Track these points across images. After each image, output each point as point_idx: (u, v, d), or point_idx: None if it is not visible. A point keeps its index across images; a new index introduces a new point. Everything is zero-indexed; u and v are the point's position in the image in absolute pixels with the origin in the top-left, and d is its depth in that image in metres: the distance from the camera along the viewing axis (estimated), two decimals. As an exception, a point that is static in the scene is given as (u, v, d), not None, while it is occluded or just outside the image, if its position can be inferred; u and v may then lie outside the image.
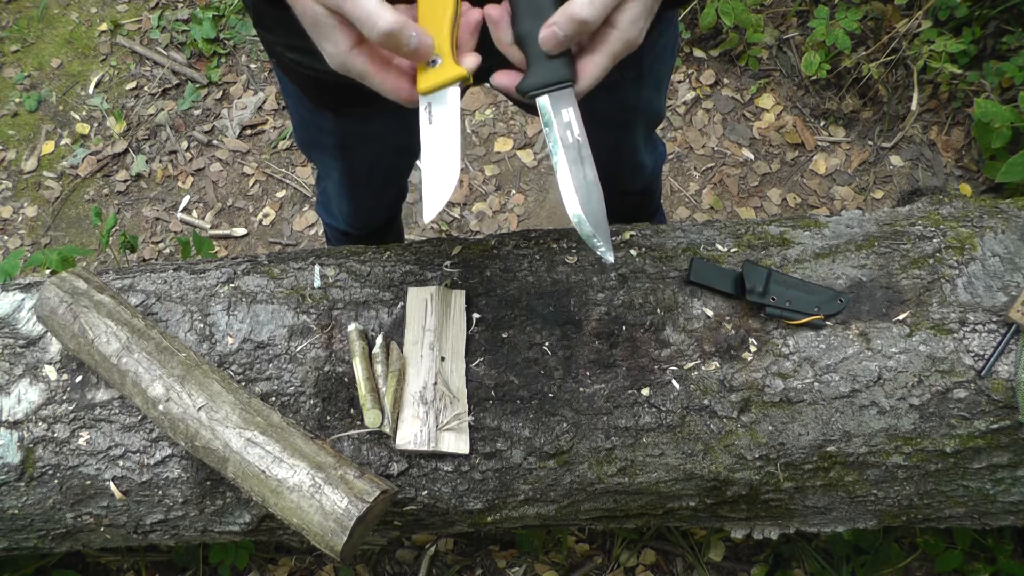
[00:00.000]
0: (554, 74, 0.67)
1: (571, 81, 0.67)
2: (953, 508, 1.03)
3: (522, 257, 1.01)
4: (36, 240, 2.10)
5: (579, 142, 0.70)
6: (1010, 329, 0.93)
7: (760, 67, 2.17)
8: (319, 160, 1.25)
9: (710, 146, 2.11)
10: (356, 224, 1.38)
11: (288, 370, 0.94)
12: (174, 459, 0.93)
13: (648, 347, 0.95)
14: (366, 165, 1.17)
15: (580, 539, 1.64)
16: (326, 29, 0.63)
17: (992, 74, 1.97)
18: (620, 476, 0.94)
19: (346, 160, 1.18)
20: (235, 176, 2.16)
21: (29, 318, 0.99)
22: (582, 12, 0.61)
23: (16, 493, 0.94)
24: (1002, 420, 0.93)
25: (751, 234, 1.03)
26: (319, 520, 0.79)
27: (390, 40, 0.60)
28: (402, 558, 1.63)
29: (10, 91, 2.27)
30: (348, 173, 1.20)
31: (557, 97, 0.68)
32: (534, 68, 0.68)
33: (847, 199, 2.02)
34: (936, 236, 1.01)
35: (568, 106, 0.69)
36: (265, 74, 2.28)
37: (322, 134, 1.10)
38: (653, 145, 1.37)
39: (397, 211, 1.51)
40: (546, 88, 0.68)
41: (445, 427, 0.90)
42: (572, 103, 0.69)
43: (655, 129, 1.33)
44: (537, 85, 0.68)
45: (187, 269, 1.03)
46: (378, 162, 1.19)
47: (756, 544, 1.61)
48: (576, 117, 0.69)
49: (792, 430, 0.93)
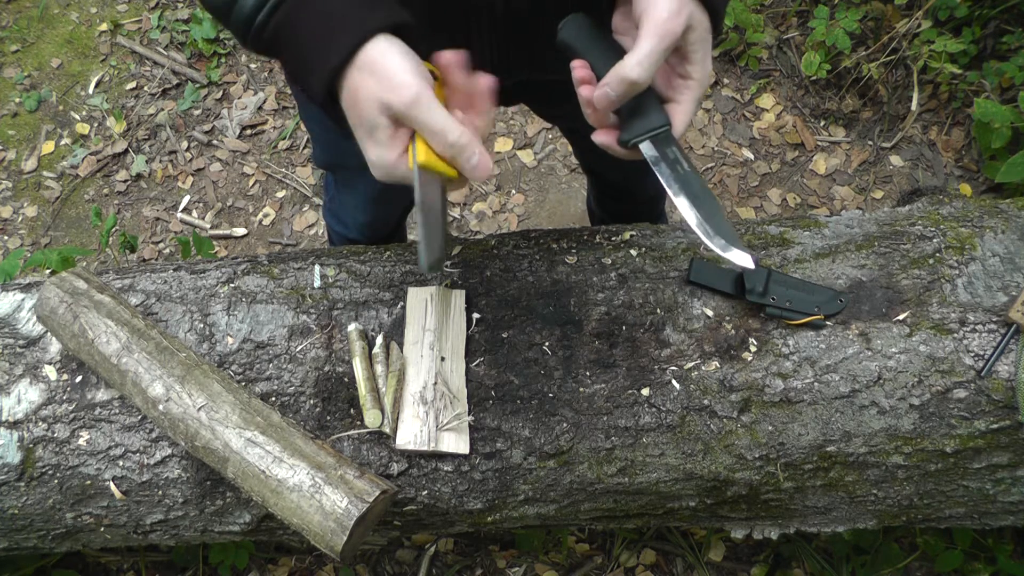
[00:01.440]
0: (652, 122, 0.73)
1: (667, 125, 0.73)
2: (953, 508, 1.03)
3: (522, 257, 1.01)
4: (36, 240, 2.10)
5: (689, 172, 0.76)
6: (1010, 329, 0.93)
7: (760, 67, 2.17)
8: (340, 176, 1.26)
9: (710, 146, 2.11)
10: (368, 234, 1.39)
11: (288, 370, 0.94)
12: (174, 459, 0.93)
13: (648, 347, 0.95)
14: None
15: (580, 539, 1.64)
16: (380, 139, 0.68)
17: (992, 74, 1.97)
18: (620, 476, 0.94)
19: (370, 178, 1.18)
20: (235, 176, 2.16)
21: (29, 318, 0.99)
22: (631, 74, 0.66)
23: (16, 493, 0.94)
24: (1002, 420, 0.93)
25: (751, 234, 1.03)
26: (319, 520, 0.79)
27: (454, 152, 0.66)
28: (402, 558, 1.63)
29: (10, 91, 2.27)
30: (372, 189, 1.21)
31: (659, 140, 0.74)
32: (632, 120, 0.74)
33: (847, 199, 2.02)
34: (936, 236, 1.01)
35: (671, 145, 0.75)
36: (265, 74, 2.28)
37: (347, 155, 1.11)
38: None
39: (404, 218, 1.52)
40: (648, 134, 0.74)
41: (445, 427, 0.90)
42: (674, 142, 0.75)
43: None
44: (639, 132, 0.74)
45: (187, 269, 1.03)
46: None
47: (756, 544, 1.61)
48: (681, 153, 0.75)
49: (792, 430, 0.93)
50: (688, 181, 0.76)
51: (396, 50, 0.65)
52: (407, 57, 0.66)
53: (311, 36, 0.66)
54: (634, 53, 0.67)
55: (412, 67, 0.65)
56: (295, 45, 0.68)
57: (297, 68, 0.70)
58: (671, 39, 0.66)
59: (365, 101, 0.66)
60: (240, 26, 0.68)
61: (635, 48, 0.67)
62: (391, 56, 0.65)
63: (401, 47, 0.66)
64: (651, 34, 0.66)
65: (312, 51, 0.67)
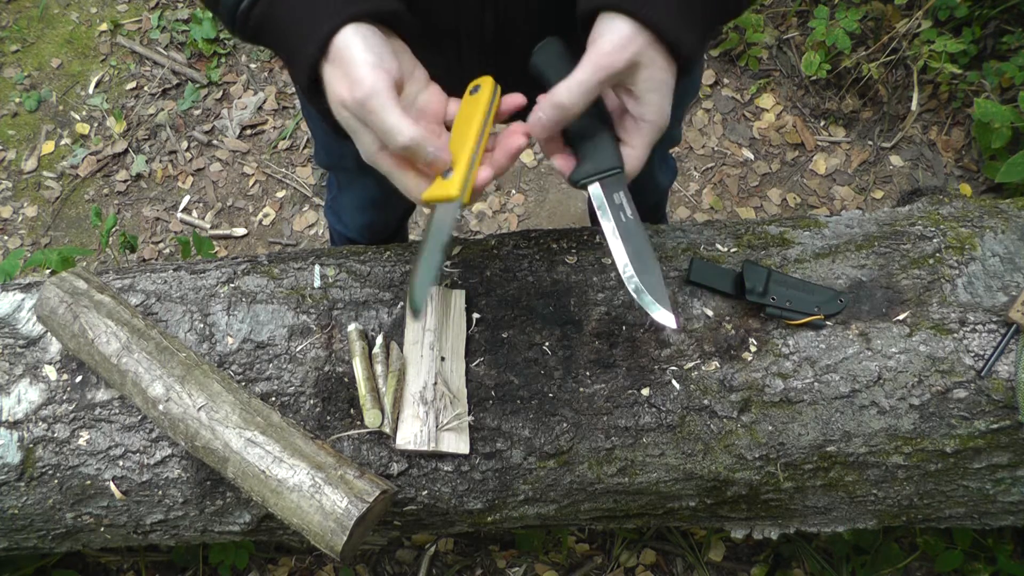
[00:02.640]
0: (604, 163, 0.72)
1: (619, 167, 0.72)
2: (953, 508, 1.03)
3: (522, 257, 1.01)
4: (36, 240, 2.10)
5: (632, 220, 0.74)
6: (1010, 329, 0.93)
7: (760, 67, 2.17)
8: (340, 177, 1.26)
9: (710, 146, 2.11)
10: (368, 235, 1.39)
11: (288, 370, 0.94)
12: (174, 459, 0.93)
13: (648, 347, 0.95)
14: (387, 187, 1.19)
15: (580, 539, 1.64)
16: (357, 133, 0.67)
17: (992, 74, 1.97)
18: (620, 476, 0.94)
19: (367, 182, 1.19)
20: (235, 176, 2.16)
21: (29, 318, 0.99)
22: (559, 98, 0.66)
23: (16, 493, 0.94)
24: (1002, 420, 0.93)
25: (751, 234, 1.03)
26: (319, 520, 0.79)
27: (408, 152, 0.64)
28: (402, 558, 1.63)
29: (10, 91, 2.27)
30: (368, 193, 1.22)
31: (608, 184, 0.73)
32: (585, 158, 0.73)
33: (847, 199, 2.02)
34: (936, 236, 1.01)
35: (619, 190, 0.73)
36: (265, 74, 2.28)
37: (344, 157, 1.11)
38: (667, 164, 1.42)
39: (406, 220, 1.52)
40: (597, 176, 0.73)
41: (445, 427, 0.90)
42: (622, 187, 0.73)
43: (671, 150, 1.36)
44: (589, 173, 0.73)
45: (187, 269, 1.03)
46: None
47: (756, 544, 1.61)
48: (627, 199, 0.74)
49: (792, 430, 0.93)
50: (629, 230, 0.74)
51: (361, 41, 0.62)
52: (371, 49, 0.63)
53: (290, 25, 0.65)
54: (567, 80, 0.66)
55: (373, 60, 0.62)
56: (279, 33, 0.67)
57: (284, 59, 0.69)
58: (606, 72, 0.65)
59: (332, 94, 0.65)
60: (225, 13, 0.67)
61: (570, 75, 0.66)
62: (355, 47, 0.62)
63: (368, 38, 0.63)
64: (587, 63, 0.65)
65: (292, 40, 0.65)
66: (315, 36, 0.63)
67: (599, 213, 0.74)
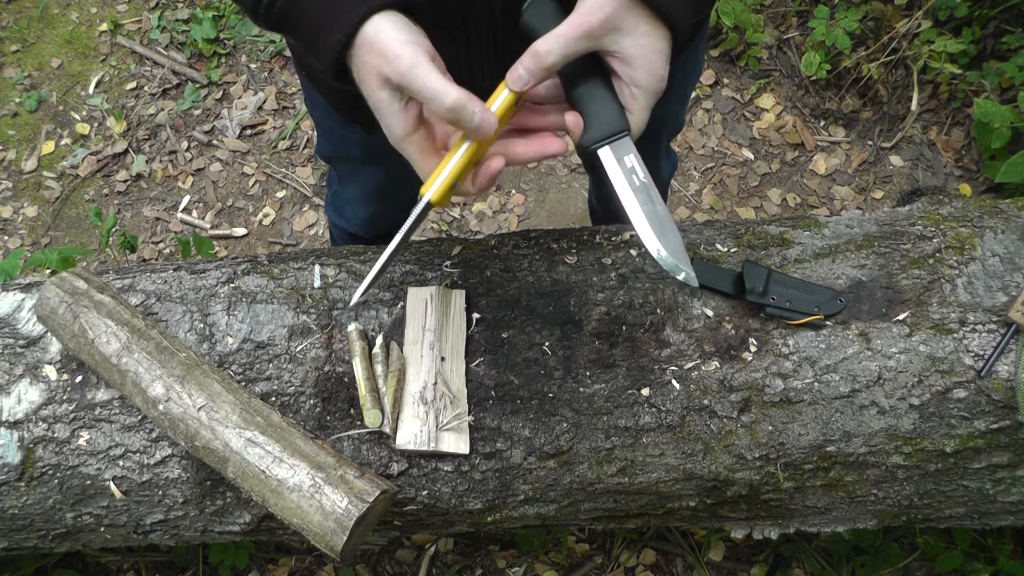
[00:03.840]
0: (610, 126, 0.72)
1: (625, 130, 0.73)
2: (953, 508, 1.03)
3: (522, 257, 1.01)
4: (36, 240, 2.10)
5: (645, 184, 0.75)
6: (1010, 329, 0.93)
7: (760, 67, 2.17)
8: (342, 169, 1.26)
9: (710, 146, 2.11)
10: (369, 229, 1.39)
11: (288, 370, 0.94)
12: (174, 459, 0.93)
13: (648, 347, 0.95)
14: (392, 176, 1.19)
15: (580, 539, 1.64)
16: (389, 114, 0.69)
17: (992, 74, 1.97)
18: (620, 476, 0.94)
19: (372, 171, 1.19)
20: (235, 176, 2.16)
21: (29, 318, 0.99)
22: (538, 47, 0.68)
23: (16, 493, 0.94)
24: (1002, 420, 0.93)
25: (751, 234, 1.03)
26: (319, 520, 0.79)
27: (453, 115, 0.66)
28: (402, 558, 1.63)
29: (10, 91, 2.27)
30: (373, 183, 1.22)
31: (617, 146, 0.73)
32: (591, 124, 0.73)
33: (847, 199, 2.02)
34: (936, 236, 1.01)
35: (629, 152, 0.74)
36: (265, 74, 2.28)
37: (349, 146, 1.11)
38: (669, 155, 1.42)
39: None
40: (605, 140, 0.73)
41: (445, 427, 0.90)
42: (632, 149, 0.73)
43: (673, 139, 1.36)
44: (597, 139, 0.73)
45: (187, 269, 1.03)
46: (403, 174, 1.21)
47: (756, 544, 1.61)
48: (638, 162, 0.74)
49: (792, 430, 0.93)
50: (643, 193, 0.75)
51: (392, 26, 0.66)
52: (403, 31, 0.66)
53: (317, 14, 0.67)
54: (548, 33, 0.68)
55: (408, 39, 0.66)
56: (303, 22, 0.69)
57: (306, 45, 0.71)
58: (582, 28, 0.67)
59: (368, 77, 0.68)
60: (250, 3, 0.70)
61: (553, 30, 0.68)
62: (387, 30, 0.66)
63: (398, 23, 0.67)
64: (569, 20, 0.67)
65: (319, 28, 0.68)
66: (344, 23, 0.66)
67: (612, 178, 0.75)
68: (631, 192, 0.75)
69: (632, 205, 0.75)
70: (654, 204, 0.75)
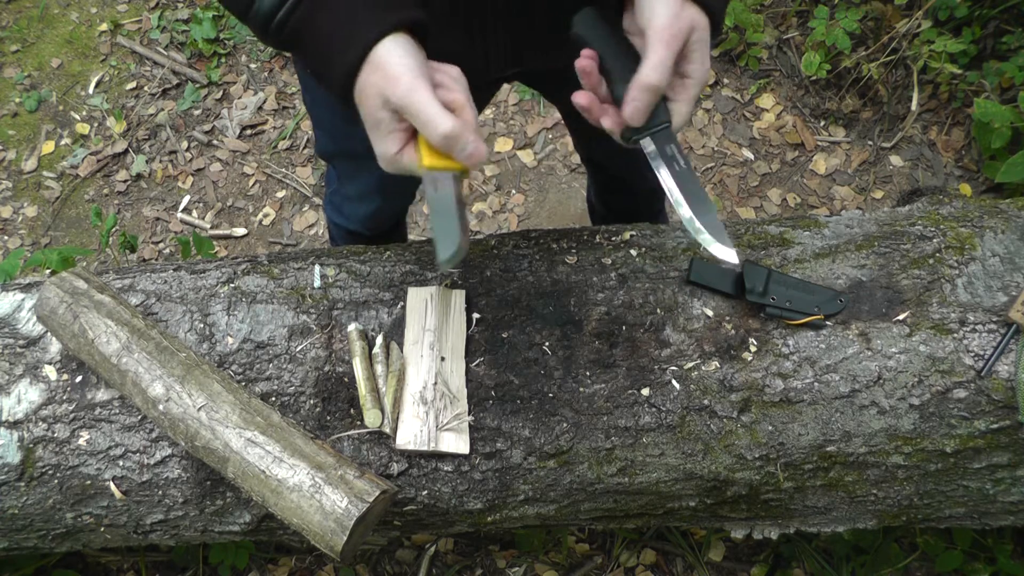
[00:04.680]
0: (654, 119, 0.76)
1: (667, 122, 0.77)
2: (953, 508, 1.03)
3: (522, 257, 1.01)
4: (36, 240, 2.10)
5: (685, 168, 0.79)
6: (1010, 329, 0.93)
7: (760, 67, 2.17)
8: (344, 166, 1.25)
9: (710, 146, 2.11)
10: (370, 226, 1.39)
11: (288, 370, 0.94)
12: (174, 459, 0.93)
13: (648, 347, 0.95)
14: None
15: (580, 539, 1.64)
16: (384, 133, 0.72)
17: (992, 74, 1.97)
18: (620, 476, 0.94)
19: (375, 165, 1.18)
20: (235, 176, 2.16)
21: (29, 318, 0.99)
22: (651, 79, 0.71)
23: (16, 493, 0.94)
24: (1002, 420, 0.93)
25: (751, 234, 1.03)
26: (319, 520, 0.79)
27: (447, 143, 0.69)
28: (402, 558, 1.63)
29: (10, 91, 2.27)
30: (376, 180, 1.21)
31: (658, 137, 0.77)
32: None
33: (847, 199, 2.02)
34: (936, 236, 1.01)
35: (670, 143, 0.78)
36: (265, 74, 2.28)
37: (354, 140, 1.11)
38: None
39: (405, 213, 1.52)
40: (648, 131, 0.77)
41: (445, 427, 0.90)
42: (673, 139, 0.77)
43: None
44: (641, 130, 0.77)
45: (187, 269, 1.03)
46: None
47: (756, 544, 1.61)
48: (679, 151, 0.78)
49: (792, 430, 0.93)
50: (684, 177, 0.78)
51: (399, 49, 0.69)
52: (408, 55, 0.69)
53: (330, 34, 0.69)
54: (648, 61, 0.70)
55: (412, 64, 0.68)
56: (315, 42, 0.71)
57: (316, 64, 0.73)
58: (678, 42, 0.70)
59: (370, 97, 0.70)
60: (259, 23, 0.71)
61: (647, 58, 0.71)
62: (395, 54, 0.68)
63: (405, 46, 0.69)
64: (658, 41, 0.70)
65: (333, 48, 0.69)
66: (357, 44, 0.68)
67: (654, 165, 0.78)
68: (671, 176, 0.78)
69: (673, 189, 0.78)
70: (692, 188, 0.79)
